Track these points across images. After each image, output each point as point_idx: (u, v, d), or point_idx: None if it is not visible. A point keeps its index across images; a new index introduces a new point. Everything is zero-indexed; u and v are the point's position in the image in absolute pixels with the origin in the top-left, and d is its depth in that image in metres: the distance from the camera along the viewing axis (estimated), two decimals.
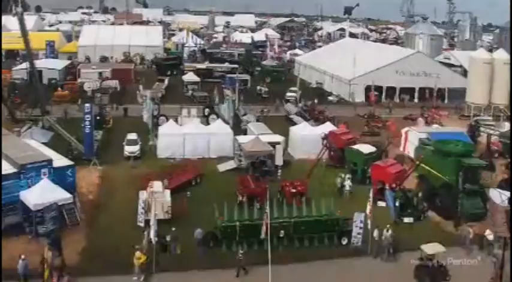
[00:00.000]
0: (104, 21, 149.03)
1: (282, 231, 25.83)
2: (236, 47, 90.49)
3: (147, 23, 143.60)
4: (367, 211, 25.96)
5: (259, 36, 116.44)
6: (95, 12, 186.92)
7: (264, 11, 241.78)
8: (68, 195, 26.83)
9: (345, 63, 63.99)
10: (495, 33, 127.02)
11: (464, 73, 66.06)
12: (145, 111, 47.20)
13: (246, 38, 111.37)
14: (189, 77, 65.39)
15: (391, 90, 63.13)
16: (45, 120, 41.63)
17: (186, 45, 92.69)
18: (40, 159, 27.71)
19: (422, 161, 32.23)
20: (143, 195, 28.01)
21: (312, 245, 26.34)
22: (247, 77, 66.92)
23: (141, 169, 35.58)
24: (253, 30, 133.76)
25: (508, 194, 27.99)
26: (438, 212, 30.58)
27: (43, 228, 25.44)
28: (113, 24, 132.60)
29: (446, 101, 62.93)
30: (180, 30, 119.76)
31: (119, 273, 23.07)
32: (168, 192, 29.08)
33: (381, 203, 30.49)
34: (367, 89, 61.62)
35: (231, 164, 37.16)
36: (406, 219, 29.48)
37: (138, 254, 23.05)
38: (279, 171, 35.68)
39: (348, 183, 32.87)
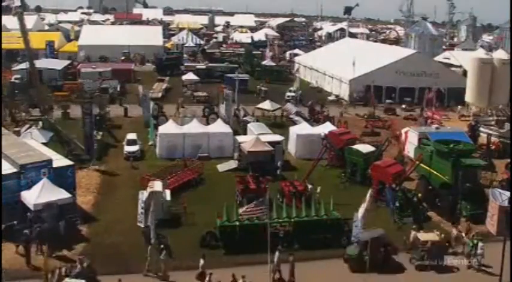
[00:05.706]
0: (103, 21, 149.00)
1: (282, 231, 25.85)
2: (236, 47, 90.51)
3: (147, 23, 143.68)
4: (360, 211, 25.73)
5: (259, 36, 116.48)
6: (95, 12, 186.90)
7: (264, 11, 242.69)
8: (68, 195, 26.83)
9: (345, 63, 63.93)
10: (495, 33, 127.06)
11: (464, 73, 66.00)
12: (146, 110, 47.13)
13: (246, 38, 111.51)
14: (189, 77, 65.43)
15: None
16: (45, 120, 41.64)
17: (186, 45, 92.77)
18: (40, 159, 27.69)
19: (422, 161, 32.21)
20: (143, 195, 28.03)
21: (311, 245, 26.33)
22: (247, 77, 66.91)
23: (141, 169, 35.56)
24: (253, 30, 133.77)
25: (508, 194, 27.99)
26: (438, 212, 30.57)
27: (43, 228, 25.40)
28: (113, 24, 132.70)
29: (446, 101, 62.85)
30: (180, 30, 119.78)
31: (119, 272, 23.03)
32: (168, 192, 29.11)
33: (381, 203, 30.45)
34: (367, 89, 61.56)
35: (231, 164, 37.17)
36: (406, 220, 29.44)
37: None
38: (279, 171, 35.69)
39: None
